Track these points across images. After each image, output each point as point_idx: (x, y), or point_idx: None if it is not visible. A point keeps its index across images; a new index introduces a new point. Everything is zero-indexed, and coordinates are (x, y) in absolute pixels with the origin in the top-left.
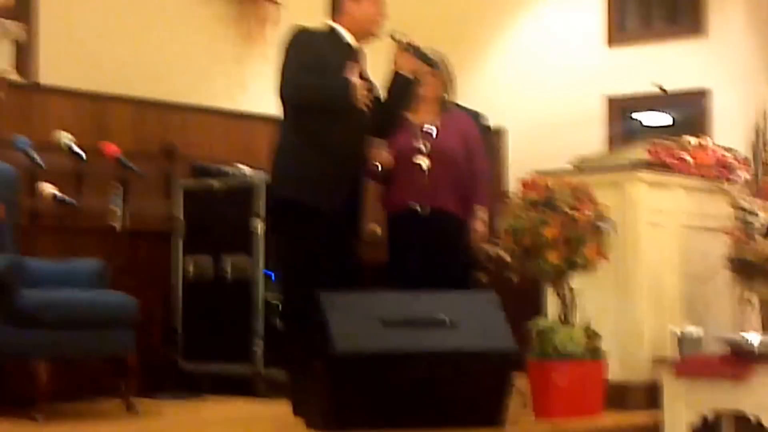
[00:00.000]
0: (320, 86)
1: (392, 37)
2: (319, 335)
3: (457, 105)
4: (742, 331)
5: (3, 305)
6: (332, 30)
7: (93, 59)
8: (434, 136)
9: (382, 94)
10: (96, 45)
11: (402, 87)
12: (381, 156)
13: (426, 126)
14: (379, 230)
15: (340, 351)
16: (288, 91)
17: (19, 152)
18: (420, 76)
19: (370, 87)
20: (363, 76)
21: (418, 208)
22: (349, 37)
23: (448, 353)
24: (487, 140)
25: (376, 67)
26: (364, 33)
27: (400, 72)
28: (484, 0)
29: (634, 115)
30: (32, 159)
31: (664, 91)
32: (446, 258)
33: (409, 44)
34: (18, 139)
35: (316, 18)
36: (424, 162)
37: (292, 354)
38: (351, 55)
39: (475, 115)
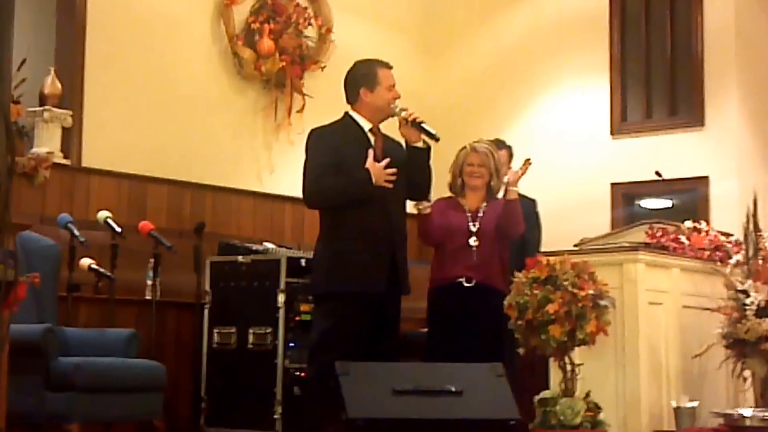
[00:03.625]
0: (341, 186)
1: (395, 114)
2: (333, 401)
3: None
4: (737, 405)
5: (40, 371)
6: (349, 118)
7: (133, 144)
8: (483, 217)
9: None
10: (136, 131)
11: (415, 156)
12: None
13: (476, 209)
14: None
15: (353, 417)
16: (312, 199)
17: (63, 229)
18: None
19: (392, 159)
20: (385, 154)
21: (464, 281)
22: (365, 123)
23: (454, 421)
24: (538, 224)
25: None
26: (380, 116)
27: (410, 144)
28: (499, 94)
29: (637, 201)
30: (74, 235)
31: (659, 175)
32: (485, 330)
33: (407, 120)
34: (62, 217)
35: (340, 107)
36: (473, 240)
37: (310, 419)
38: (368, 139)
39: (533, 202)
